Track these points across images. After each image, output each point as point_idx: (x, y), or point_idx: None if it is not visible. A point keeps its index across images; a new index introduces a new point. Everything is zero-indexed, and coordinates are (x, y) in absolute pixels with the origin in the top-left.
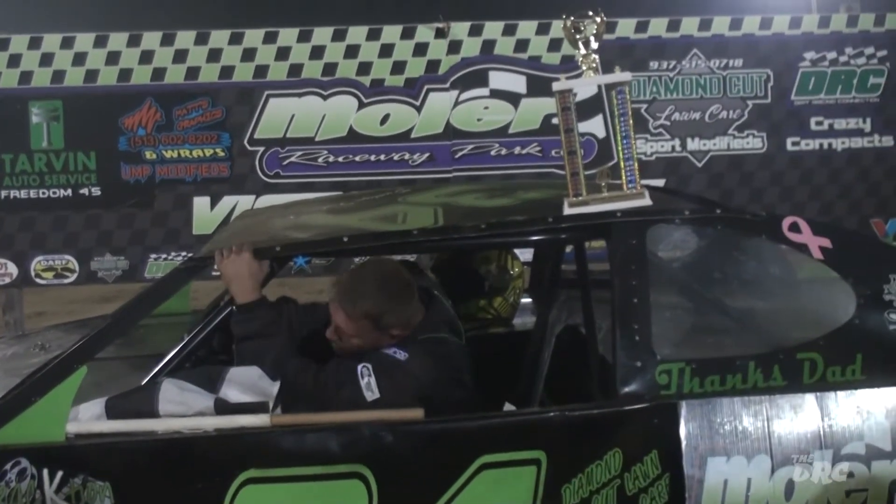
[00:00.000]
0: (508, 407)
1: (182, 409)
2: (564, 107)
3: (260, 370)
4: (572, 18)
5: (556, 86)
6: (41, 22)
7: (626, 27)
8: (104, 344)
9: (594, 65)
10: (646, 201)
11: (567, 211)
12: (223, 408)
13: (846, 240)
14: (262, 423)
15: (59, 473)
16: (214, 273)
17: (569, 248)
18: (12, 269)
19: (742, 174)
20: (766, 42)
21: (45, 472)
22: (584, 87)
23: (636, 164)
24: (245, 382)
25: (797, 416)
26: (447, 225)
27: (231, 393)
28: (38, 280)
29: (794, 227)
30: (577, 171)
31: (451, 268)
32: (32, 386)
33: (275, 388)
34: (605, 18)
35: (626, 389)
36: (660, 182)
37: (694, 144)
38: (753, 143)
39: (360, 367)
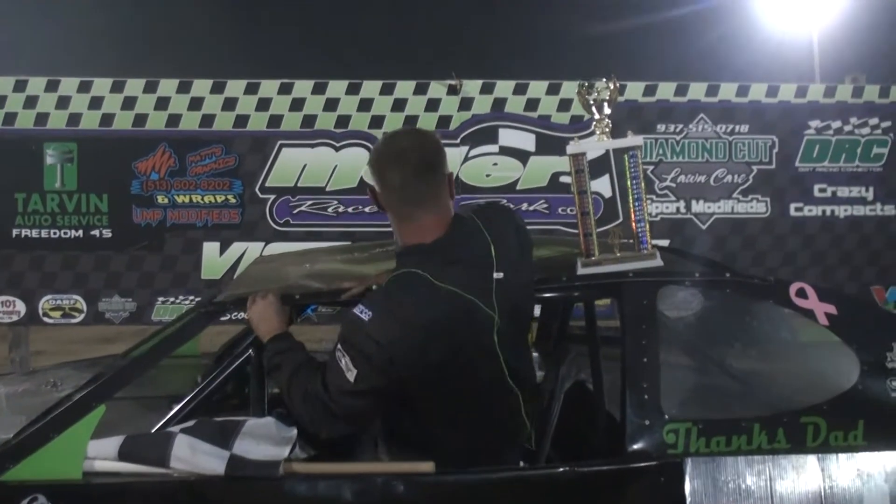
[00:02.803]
0: None
1: (191, 469)
2: (578, 169)
3: (275, 420)
4: (587, 84)
5: (569, 149)
6: (58, 65)
7: (634, 90)
8: (124, 383)
9: (607, 129)
10: (657, 262)
11: (581, 271)
12: (234, 473)
13: (851, 307)
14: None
15: None
16: (223, 319)
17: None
18: (20, 306)
19: (745, 237)
20: (773, 109)
21: None
22: (597, 150)
23: (648, 226)
24: (262, 434)
25: (799, 477)
26: None
27: (246, 446)
28: (45, 319)
29: (801, 293)
30: (590, 232)
31: None
32: (51, 423)
33: (292, 433)
34: (618, 84)
35: (634, 447)
36: (664, 242)
37: (699, 206)
38: (757, 207)
39: (337, 351)
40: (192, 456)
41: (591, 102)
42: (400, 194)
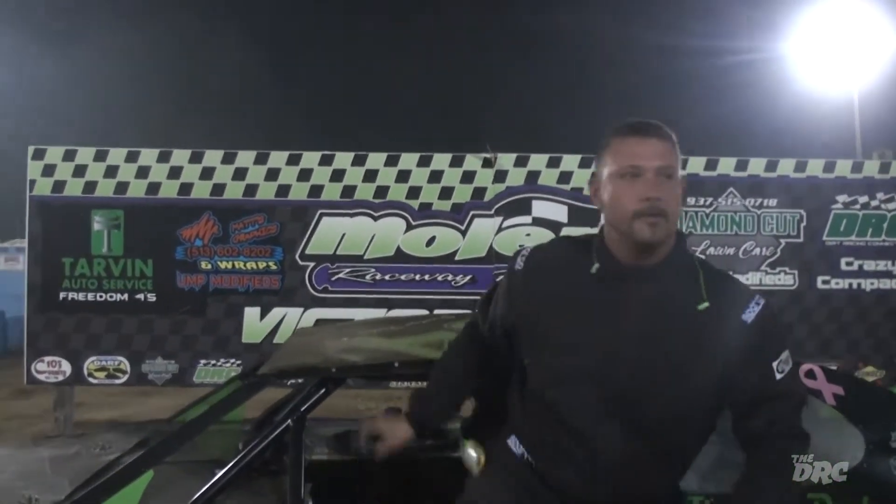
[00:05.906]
0: None
1: None
2: None
3: None
4: None
5: None
6: (106, 137)
7: None
8: (171, 450)
9: None
10: None
11: None
12: None
13: (857, 389)
14: None
15: None
16: None
17: None
18: (66, 367)
19: None
20: (800, 184)
21: None
22: None
23: None
24: None
25: None
26: None
27: None
28: (90, 379)
29: (811, 374)
30: None
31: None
32: (101, 487)
33: None
34: None
35: None
36: None
37: None
38: (785, 279)
39: (774, 364)
40: None
41: None
42: None
